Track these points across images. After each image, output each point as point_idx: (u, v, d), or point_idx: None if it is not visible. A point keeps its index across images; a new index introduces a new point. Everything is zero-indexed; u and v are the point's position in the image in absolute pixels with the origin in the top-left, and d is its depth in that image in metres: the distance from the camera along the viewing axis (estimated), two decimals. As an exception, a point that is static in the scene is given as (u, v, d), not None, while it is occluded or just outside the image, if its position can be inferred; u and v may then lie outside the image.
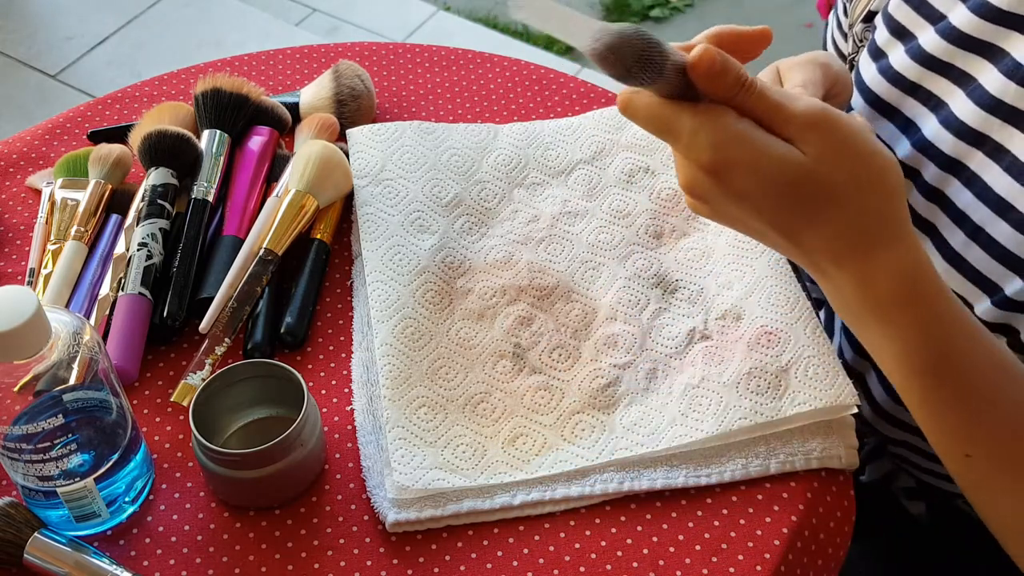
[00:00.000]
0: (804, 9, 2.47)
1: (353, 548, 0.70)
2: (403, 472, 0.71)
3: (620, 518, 0.71)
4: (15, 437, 0.65)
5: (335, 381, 0.79)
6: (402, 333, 0.78)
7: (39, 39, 2.42)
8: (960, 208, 0.73)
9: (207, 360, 0.78)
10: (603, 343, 0.79)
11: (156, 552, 0.70)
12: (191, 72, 1.02)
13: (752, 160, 0.59)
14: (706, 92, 0.59)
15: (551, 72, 1.02)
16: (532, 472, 0.72)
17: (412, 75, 1.02)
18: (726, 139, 0.59)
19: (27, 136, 0.97)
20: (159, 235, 0.82)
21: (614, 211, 0.87)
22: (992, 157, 0.71)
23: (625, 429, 0.74)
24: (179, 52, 2.35)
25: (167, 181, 0.85)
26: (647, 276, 0.83)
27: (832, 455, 0.73)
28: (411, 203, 0.86)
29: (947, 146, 0.74)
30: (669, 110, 0.60)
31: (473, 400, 0.76)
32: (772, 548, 0.70)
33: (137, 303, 0.80)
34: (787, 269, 0.81)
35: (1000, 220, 0.71)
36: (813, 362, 0.75)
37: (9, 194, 0.92)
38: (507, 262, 0.83)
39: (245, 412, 0.75)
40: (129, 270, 0.81)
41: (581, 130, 0.93)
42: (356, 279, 0.85)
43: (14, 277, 0.86)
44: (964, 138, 0.73)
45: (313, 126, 0.92)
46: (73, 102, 2.08)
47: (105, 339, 0.78)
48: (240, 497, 0.72)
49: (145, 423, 0.77)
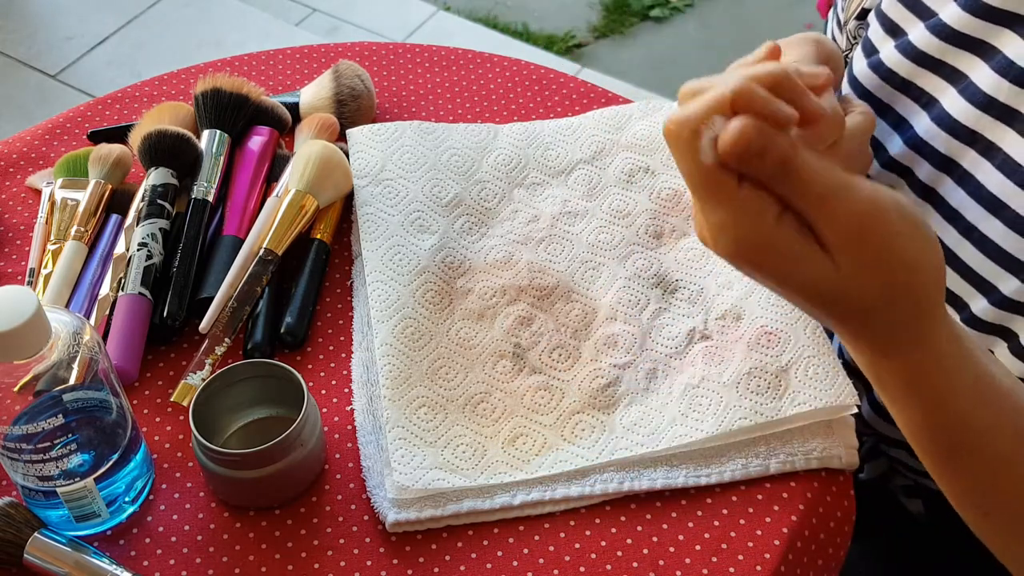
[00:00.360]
0: (804, 9, 2.47)
1: (353, 548, 0.70)
2: (403, 472, 0.71)
3: (620, 518, 0.71)
4: (15, 437, 0.65)
5: (335, 381, 0.79)
6: (402, 333, 0.78)
7: (39, 39, 2.42)
8: (953, 206, 0.73)
9: (207, 360, 0.78)
10: (603, 343, 0.79)
11: (156, 552, 0.70)
12: (191, 72, 1.02)
13: (781, 274, 0.54)
14: (743, 172, 0.52)
15: (551, 72, 1.02)
16: (532, 472, 0.72)
17: (412, 75, 1.02)
18: (757, 245, 0.53)
19: (27, 136, 0.97)
20: (159, 235, 0.82)
21: (614, 211, 0.87)
22: (984, 155, 0.71)
23: (625, 429, 0.74)
24: (179, 52, 2.35)
25: (167, 181, 0.85)
26: (647, 276, 0.83)
27: (832, 455, 0.73)
28: (411, 203, 0.86)
29: (940, 144, 0.74)
30: (710, 180, 0.52)
31: (473, 400, 0.76)
32: (772, 548, 0.70)
33: (137, 303, 0.80)
34: (787, 269, 0.81)
35: (993, 218, 0.71)
36: (813, 362, 0.75)
37: (9, 194, 0.92)
38: (507, 262, 0.83)
39: (245, 412, 0.75)
40: (129, 270, 0.81)
41: (581, 130, 0.93)
42: (356, 279, 0.85)
43: (14, 277, 0.86)
44: (957, 136, 0.73)
45: (313, 126, 0.92)
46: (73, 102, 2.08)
47: (105, 339, 0.78)
48: (240, 497, 0.72)
49: (145, 423, 0.77)
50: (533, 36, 2.47)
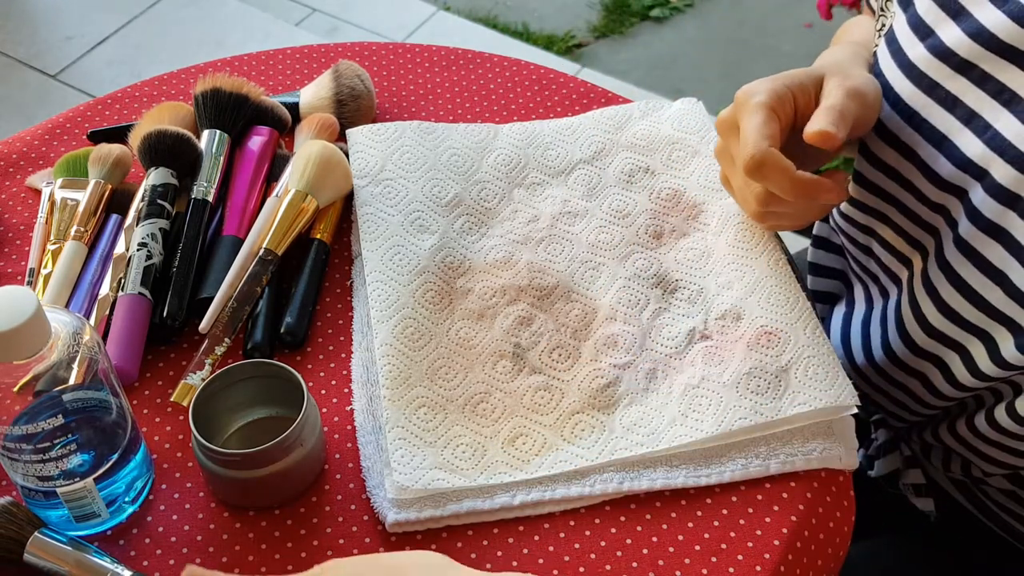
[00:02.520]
0: (804, 9, 2.47)
1: (353, 548, 0.70)
2: (403, 472, 0.71)
3: (620, 518, 0.71)
4: (15, 437, 0.65)
5: (335, 381, 0.79)
6: (402, 333, 0.78)
7: (39, 39, 2.42)
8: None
9: (207, 360, 0.78)
10: (603, 343, 0.79)
11: (156, 552, 0.70)
12: (191, 72, 1.02)
13: None
14: None
15: (551, 72, 1.02)
16: (532, 472, 0.72)
17: (412, 75, 1.02)
18: None
19: (27, 136, 0.97)
20: (159, 235, 0.82)
21: (614, 211, 0.87)
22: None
23: (625, 429, 0.74)
24: (179, 52, 2.35)
25: (167, 181, 0.85)
26: (647, 276, 0.83)
27: (832, 455, 0.73)
28: (411, 203, 0.86)
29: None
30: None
31: (473, 400, 0.76)
32: (772, 548, 0.70)
33: (137, 303, 0.80)
34: (787, 269, 0.81)
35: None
36: (813, 362, 0.75)
37: (9, 194, 0.92)
38: (507, 262, 0.83)
39: (245, 412, 0.75)
40: (129, 270, 0.81)
41: (581, 130, 0.93)
42: (356, 279, 0.85)
43: (14, 277, 0.86)
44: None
45: (313, 126, 0.92)
46: (73, 102, 2.09)
47: (105, 339, 0.78)
48: (240, 497, 0.72)
49: (145, 423, 0.77)
50: (533, 36, 2.47)
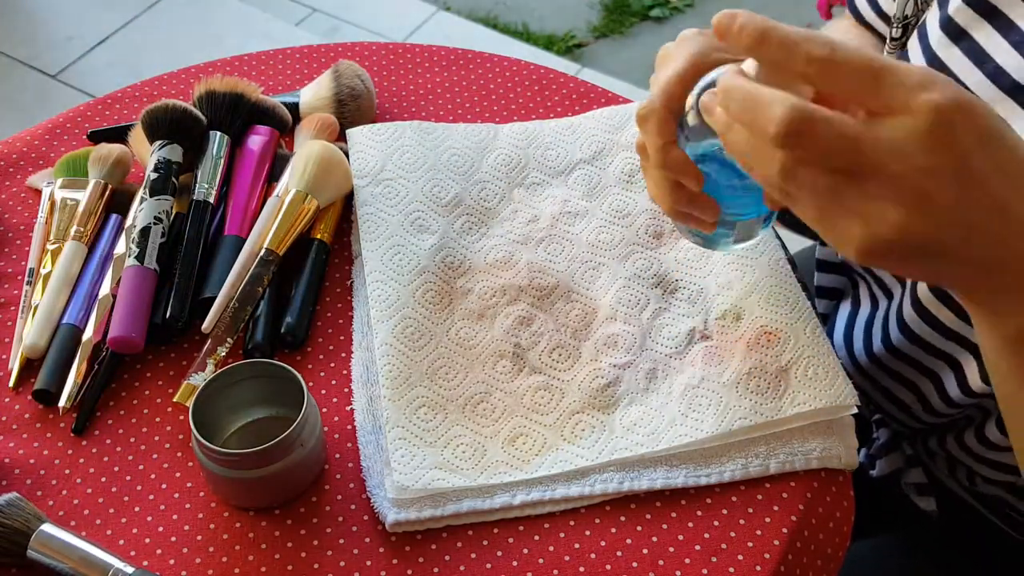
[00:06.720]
0: (804, 9, 2.47)
1: (353, 548, 0.70)
2: (403, 472, 0.71)
3: (620, 518, 0.71)
4: None
5: (335, 381, 0.79)
6: (402, 333, 0.78)
7: (39, 39, 2.42)
8: None
9: (209, 360, 0.78)
10: (603, 343, 0.79)
11: (156, 552, 0.70)
12: (191, 72, 1.02)
13: None
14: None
15: (551, 72, 1.02)
16: (532, 472, 0.72)
17: (412, 75, 1.02)
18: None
19: (27, 136, 0.97)
20: (171, 211, 0.84)
21: (614, 211, 0.87)
22: None
23: (625, 429, 0.74)
24: (179, 52, 2.35)
25: (172, 157, 0.86)
26: (647, 276, 0.83)
27: (832, 455, 0.73)
28: (411, 203, 0.86)
29: None
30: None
31: (473, 400, 0.76)
32: (772, 548, 0.70)
33: (149, 276, 0.81)
34: (787, 269, 0.81)
35: None
36: (813, 362, 0.75)
37: (9, 194, 0.92)
38: (507, 262, 0.83)
39: (245, 412, 0.75)
40: (146, 242, 0.82)
41: (581, 130, 0.93)
42: (356, 279, 0.85)
43: (14, 277, 0.86)
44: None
45: (313, 126, 0.92)
46: (73, 102, 2.08)
47: (111, 310, 0.80)
48: (240, 497, 0.72)
49: (145, 423, 0.77)
50: (533, 36, 2.47)
